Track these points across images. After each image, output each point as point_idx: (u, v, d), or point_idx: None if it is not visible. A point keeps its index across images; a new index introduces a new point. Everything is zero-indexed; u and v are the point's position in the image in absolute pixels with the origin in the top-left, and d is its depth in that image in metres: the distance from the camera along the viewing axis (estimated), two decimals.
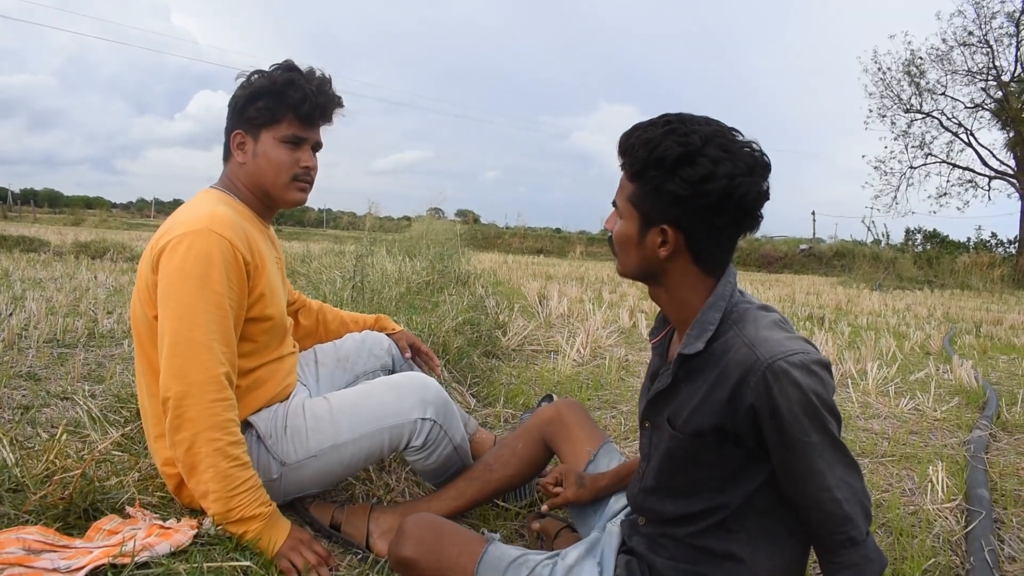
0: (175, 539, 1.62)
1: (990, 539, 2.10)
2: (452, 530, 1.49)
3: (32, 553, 1.51)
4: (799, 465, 1.20)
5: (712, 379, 1.26)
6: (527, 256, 21.42)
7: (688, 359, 1.30)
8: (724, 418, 1.24)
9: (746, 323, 1.26)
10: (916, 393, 4.20)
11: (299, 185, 1.93)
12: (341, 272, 6.33)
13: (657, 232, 1.27)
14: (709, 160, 1.21)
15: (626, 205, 1.31)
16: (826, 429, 1.19)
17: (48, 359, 3.61)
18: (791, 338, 1.22)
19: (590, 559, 1.48)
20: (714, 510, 1.32)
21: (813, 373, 1.17)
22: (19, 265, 8.05)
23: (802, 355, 1.18)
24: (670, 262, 1.30)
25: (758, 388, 1.18)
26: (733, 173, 1.21)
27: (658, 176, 1.23)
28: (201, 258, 1.66)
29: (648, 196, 1.26)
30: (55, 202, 52.90)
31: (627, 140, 1.29)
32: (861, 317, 8.66)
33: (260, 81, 1.88)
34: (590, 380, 4.06)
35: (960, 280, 17.93)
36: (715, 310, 1.29)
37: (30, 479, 1.83)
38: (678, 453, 1.34)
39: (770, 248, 25.67)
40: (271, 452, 1.83)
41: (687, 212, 1.24)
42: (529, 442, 1.89)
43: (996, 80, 24.18)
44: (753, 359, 1.19)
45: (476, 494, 1.87)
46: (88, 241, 11.48)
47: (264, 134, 1.88)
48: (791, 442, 1.19)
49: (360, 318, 2.49)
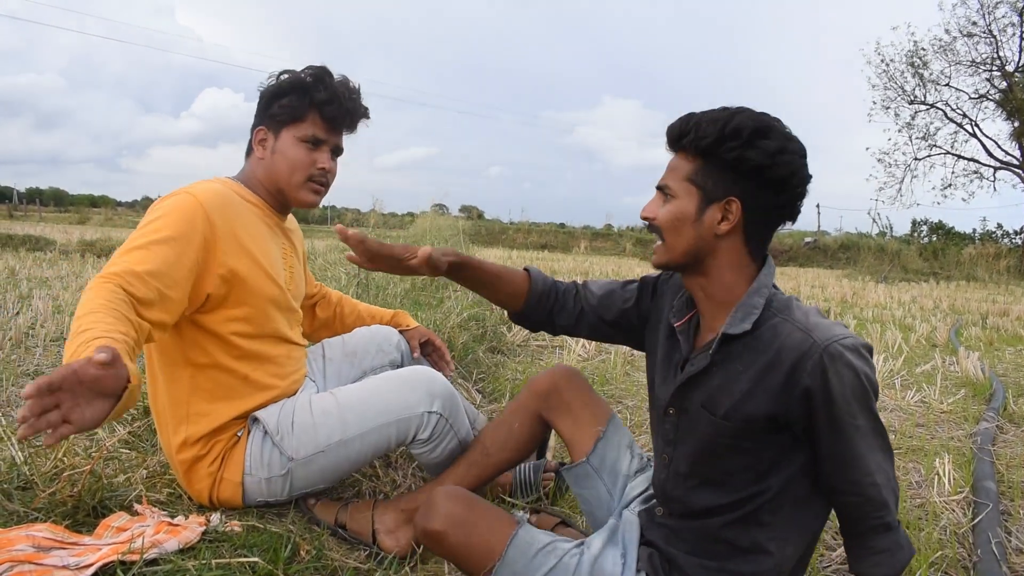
0: (183, 536, 1.63)
1: (997, 531, 2.10)
2: (484, 507, 1.48)
3: (41, 550, 1.52)
4: (845, 449, 1.24)
5: (762, 365, 1.27)
6: (531, 251, 21.41)
7: (729, 340, 1.32)
8: (778, 404, 1.26)
9: (792, 311, 1.30)
10: (922, 385, 4.20)
11: (313, 187, 1.94)
12: (346, 269, 6.33)
13: (718, 208, 1.31)
14: (782, 135, 1.29)
15: (683, 184, 1.34)
16: (872, 412, 1.24)
17: (55, 358, 3.61)
18: (838, 324, 1.26)
19: (612, 548, 1.46)
20: (747, 500, 1.33)
21: (864, 356, 1.22)
22: (25, 264, 8.07)
23: (853, 339, 1.22)
24: (723, 240, 1.33)
25: (815, 370, 1.21)
26: (801, 151, 1.30)
27: (736, 147, 1.27)
28: (166, 211, 1.68)
29: (715, 171, 1.31)
30: (60, 201, 53.07)
31: (686, 123, 1.33)
32: (867, 310, 8.65)
33: (288, 79, 1.90)
34: (595, 375, 4.06)
35: (966, 271, 17.90)
36: (759, 295, 1.32)
37: (39, 477, 1.84)
38: (721, 440, 1.34)
39: (775, 241, 25.60)
40: (279, 447, 1.83)
41: (758, 185, 1.29)
42: (525, 421, 1.83)
43: (1000, 70, 24.05)
44: (810, 342, 1.22)
45: (475, 480, 1.84)
46: (94, 239, 11.53)
47: (285, 132, 1.89)
48: (841, 425, 1.22)
49: (378, 312, 2.49)
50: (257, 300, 1.84)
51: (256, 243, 1.84)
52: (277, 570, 1.54)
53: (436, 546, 1.44)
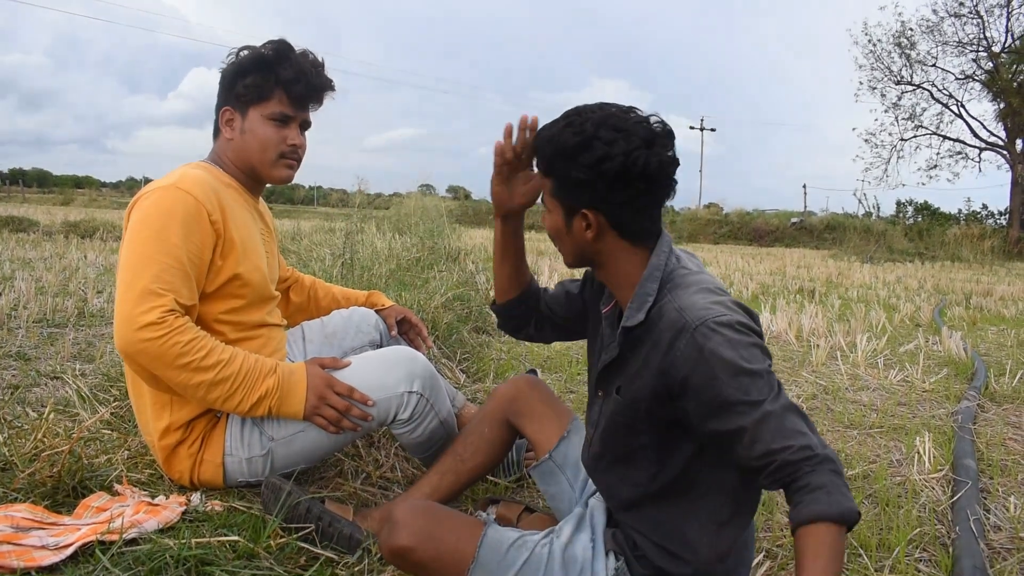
0: (163, 516, 1.63)
1: (976, 508, 2.12)
2: (447, 515, 1.47)
3: (20, 531, 1.52)
4: (734, 426, 1.17)
5: (649, 345, 1.30)
6: None
7: (630, 331, 1.35)
8: (658, 383, 1.27)
9: (680, 288, 1.30)
10: (905, 365, 4.23)
11: (286, 162, 1.94)
12: (331, 249, 6.31)
13: (580, 218, 1.35)
14: (603, 142, 1.28)
15: (549, 200, 1.41)
16: (757, 386, 1.16)
17: (38, 339, 3.60)
18: (720, 301, 1.25)
19: (582, 534, 1.48)
20: (652, 480, 1.37)
21: (740, 331, 1.21)
22: (8, 245, 8.02)
23: (730, 315, 1.22)
24: (600, 242, 1.37)
25: (687, 350, 1.21)
26: (628, 149, 1.28)
27: (563, 166, 1.33)
28: (163, 212, 1.69)
29: (564, 186, 1.36)
30: (44, 182, 52.66)
31: (537, 142, 1.40)
32: (852, 290, 8.70)
33: (249, 57, 1.88)
34: (580, 355, 4.06)
35: (951, 252, 17.96)
36: (652, 280, 1.34)
37: (18, 457, 1.83)
38: (617, 419, 1.39)
39: (761, 222, 25.70)
40: (259, 427, 1.83)
41: (597, 193, 1.31)
42: (494, 426, 1.86)
43: (987, 51, 24.08)
44: (682, 322, 1.23)
45: (451, 486, 1.84)
46: (78, 221, 11.45)
47: (252, 111, 1.88)
48: (722, 403, 1.17)
49: (352, 294, 2.48)
50: (246, 291, 1.85)
51: (245, 233, 1.85)
52: (258, 549, 1.54)
53: (404, 562, 1.42)
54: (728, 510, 1.35)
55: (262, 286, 1.91)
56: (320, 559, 1.61)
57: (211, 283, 1.79)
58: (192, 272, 1.70)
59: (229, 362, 1.67)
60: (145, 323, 1.57)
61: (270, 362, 1.75)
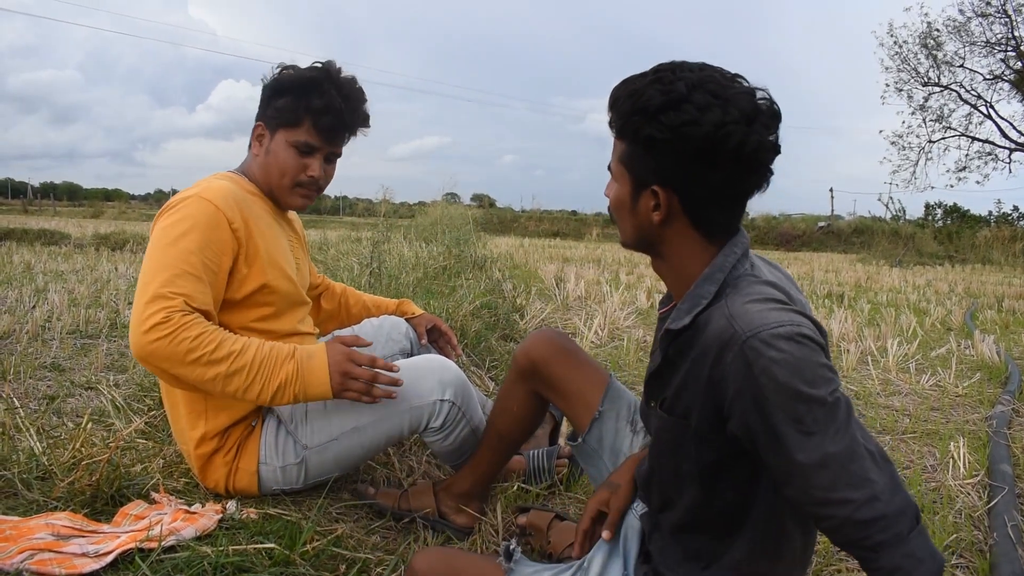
0: (200, 523, 1.64)
1: (1013, 514, 2.09)
2: (467, 562, 1.40)
3: (61, 538, 1.54)
4: (786, 460, 1.01)
5: (693, 357, 1.12)
6: (543, 239, 21.36)
7: (676, 335, 1.16)
8: (706, 401, 1.09)
9: (734, 294, 1.10)
10: (937, 369, 4.18)
11: (301, 192, 1.94)
12: (358, 259, 6.35)
13: (649, 195, 1.16)
14: (695, 107, 1.08)
15: (617, 167, 1.20)
16: (816, 414, 1.00)
17: (72, 350, 3.65)
18: (778, 310, 1.04)
19: (614, 563, 1.35)
20: (699, 507, 1.20)
21: (800, 344, 1.01)
22: (41, 258, 8.13)
23: (788, 326, 1.01)
24: (666, 228, 1.17)
25: (736, 366, 1.02)
26: (723, 120, 1.07)
27: (640, 125, 1.12)
28: (182, 221, 1.70)
29: (638, 152, 1.14)
30: (74, 195, 53.42)
31: (615, 94, 1.18)
32: (881, 294, 8.60)
33: (288, 77, 1.88)
34: (608, 362, 4.06)
35: (981, 254, 17.72)
36: (710, 282, 1.14)
37: (57, 467, 1.87)
38: (664, 436, 1.23)
39: (788, 226, 25.46)
40: (293, 436, 1.85)
41: (674, 166, 1.11)
42: (522, 402, 1.80)
43: (1015, 51, 23.79)
44: (730, 333, 1.03)
45: (493, 460, 1.87)
46: (108, 233, 11.59)
47: (280, 133, 1.88)
48: (777, 432, 1.00)
49: (382, 302, 2.50)
50: (275, 299, 1.87)
51: (271, 241, 1.86)
52: (293, 556, 1.55)
53: None
54: (799, 540, 1.21)
55: (292, 293, 1.92)
56: (357, 564, 1.62)
57: (238, 291, 1.80)
58: (207, 278, 1.69)
59: (242, 352, 1.64)
60: (152, 324, 1.56)
61: (287, 348, 1.70)
